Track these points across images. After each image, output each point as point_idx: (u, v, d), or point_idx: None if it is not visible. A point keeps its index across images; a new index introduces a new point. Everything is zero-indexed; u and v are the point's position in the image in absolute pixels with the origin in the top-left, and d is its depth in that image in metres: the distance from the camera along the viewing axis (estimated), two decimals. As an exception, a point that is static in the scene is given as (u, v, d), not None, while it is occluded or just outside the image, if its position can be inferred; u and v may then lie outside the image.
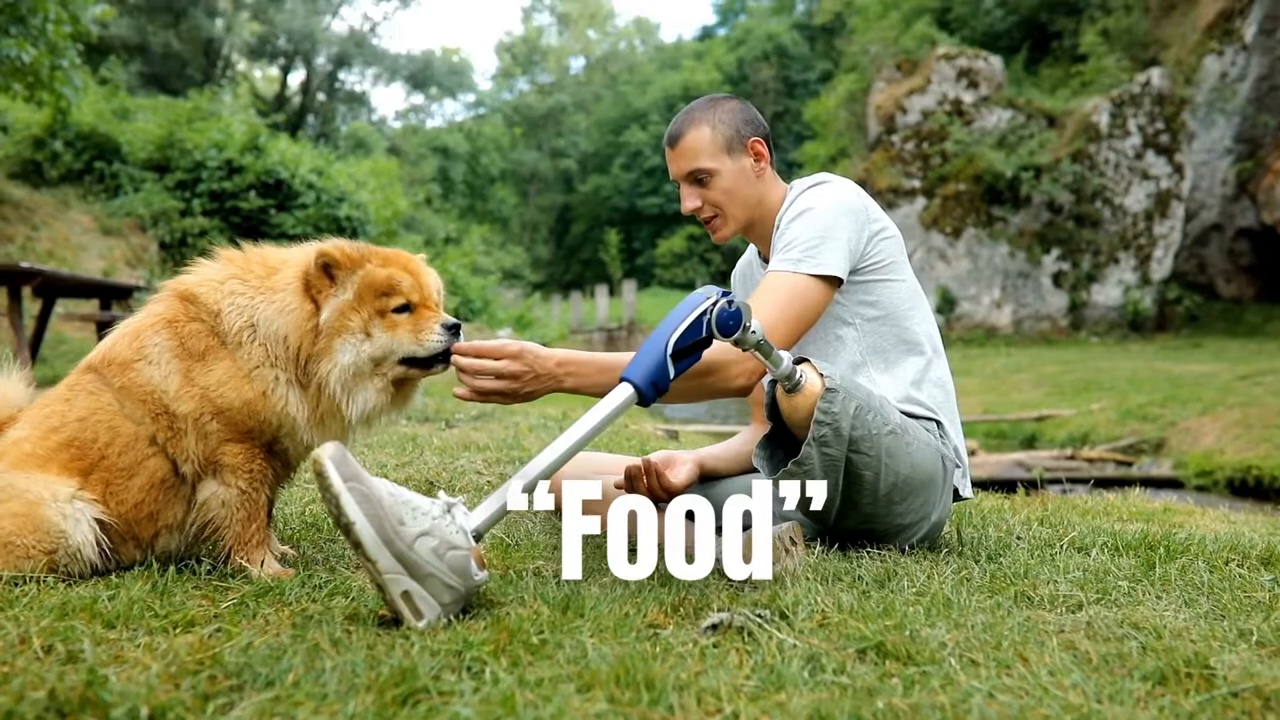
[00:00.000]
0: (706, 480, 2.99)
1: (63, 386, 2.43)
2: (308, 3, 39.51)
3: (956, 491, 2.87)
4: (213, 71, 33.70)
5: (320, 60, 41.26)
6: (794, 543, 2.56)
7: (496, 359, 2.50)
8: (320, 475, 1.93)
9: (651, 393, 2.25)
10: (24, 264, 8.06)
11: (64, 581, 2.22)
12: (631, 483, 2.80)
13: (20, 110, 17.84)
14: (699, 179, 2.87)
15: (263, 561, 2.42)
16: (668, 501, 2.80)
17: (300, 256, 2.43)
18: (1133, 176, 23.86)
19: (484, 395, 2.52)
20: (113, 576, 2.28)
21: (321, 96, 42.58)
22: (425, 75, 45.40)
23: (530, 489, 2.17)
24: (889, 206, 24.88)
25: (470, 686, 1.61)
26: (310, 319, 2.36)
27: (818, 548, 2.66)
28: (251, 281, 2.41)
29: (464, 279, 21.85)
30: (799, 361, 2.52)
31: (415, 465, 4.05)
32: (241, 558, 2.40)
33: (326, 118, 41.66)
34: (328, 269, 2.37)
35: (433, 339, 2.41)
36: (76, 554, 2.24)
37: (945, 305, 23.91)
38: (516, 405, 5.76)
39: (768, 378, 2.56)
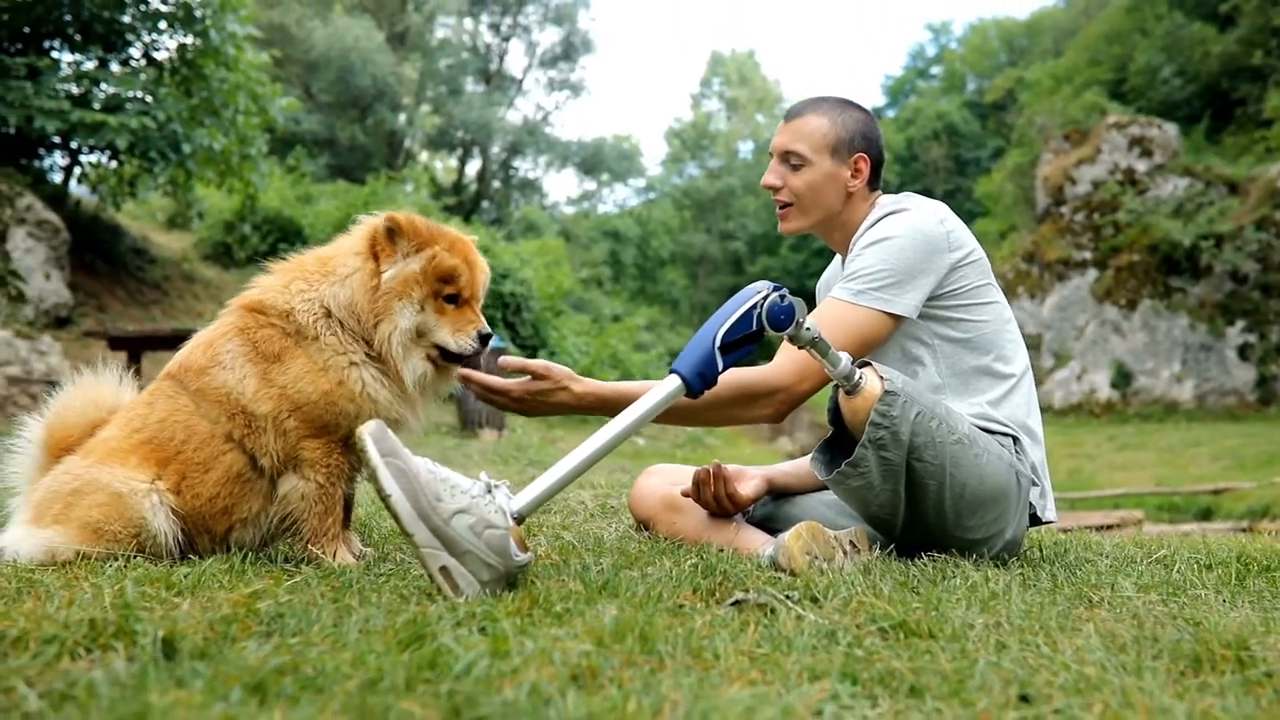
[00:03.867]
0: (778, 497, 2.97)
1: (146, 392, 2.64)
2: (484, 95, 41.25)
3: (1037, 516, 2.77)
4: (395, 162, 35.36)
5: (495, 149, 42.86)
6: (855, 547, 2.53)
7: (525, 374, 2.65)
8: (362, 451, 2.03)
9: (698, 384, 2.28)
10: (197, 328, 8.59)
11: (149, 560, 2.39)
12: (699, 489, 2.81)
13: (214, 198, 19.20)
14: (792, 162, 2.86)
15: (336, 552, 2.53)
16: (733, 513, 2.82)
17: (365, 222, 2.61)
18: (1325, 244, 22.57)
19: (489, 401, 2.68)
20: (194, 559, 2.43)
21: (497, 184, 44.16)
22: (596, 161, 46.55)
23: (574, 476, 2.22)
24: (1059, 279, 24.12)
25: (478, 639, 1.67)
26: (373, 277, 2.52)
27: (876, 549, 2.61)
28: (313, 278, 2.59)
29: (625, 353, 22.17)
30: (863, 365, 2.51)
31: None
32: (317, 548, 2.52)
33: (501, 203, 43.13)
34: (392, 234, 2.53)
35: (466, 342, 2.57)
36: (156, 537, 2.42)
37: (1120, 379, 22.91)
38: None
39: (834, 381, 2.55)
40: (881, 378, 2.45)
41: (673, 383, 2.28)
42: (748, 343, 2.33)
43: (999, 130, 44.78)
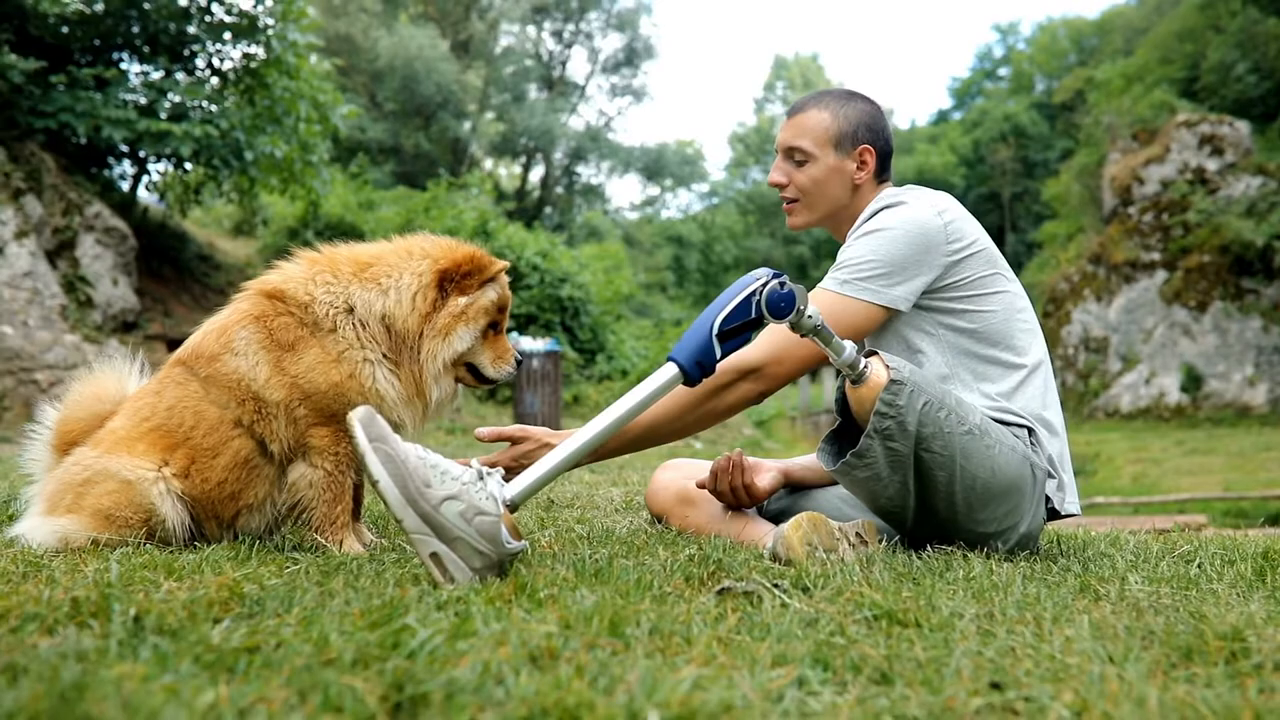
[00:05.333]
0: (794, 490, 2.94)
1: (154, 380, 2.67)
2: (547, 102, 41.47)
3: (1056, 510, 2.71)
4: (459, 169, 35.66)
5: (558, 155, 43.06)
6: (861, 539, 2.49)
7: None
8: (351, 437, 2.04)
9: (696, 372, 2.26)
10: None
11: (159, 546, 2.42)
12: (716, 478, 2.79)
13: (279, 205, 19.52)
14: (796, 158, 2.85)
15: (342, 542, 2.55)
16: (749, 505, 2.79)
17: (427, 251, 2.64)
18: (1405, 244, 21.85)
19: None
20: (200, 545, 2.46)
21: (560, 190, 44.37)
22: (659, 167, 46.57)
23: (570, 463, 2.22)
24: (1126, 281, 23.65)
25: (446, 620, 1.66)
26: (433, 303, 2.58)
27: (884, 542, 2.57)
28: (343, 276, 2.61)
29: (684, 358, 22.12)
30: (870, 355, 2.47)
31: (555, 490, 4.12)
32: (324, 537, 2.54)
33: (563, 209, 43.33)
34: (470, 274, 2.61)
35: (505, 370, 2.70)
36: (165, 522, 2.46)
37: (1190, 383, 22.36)
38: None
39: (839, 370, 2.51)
40: (888, 367, 2.41)
41: (670, 370, 2.26)
42: (746, 330, 2.30)
43: (1068, 131, 44.03)
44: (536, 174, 44.23)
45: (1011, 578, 2.18)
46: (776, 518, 2.87)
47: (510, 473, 2.64)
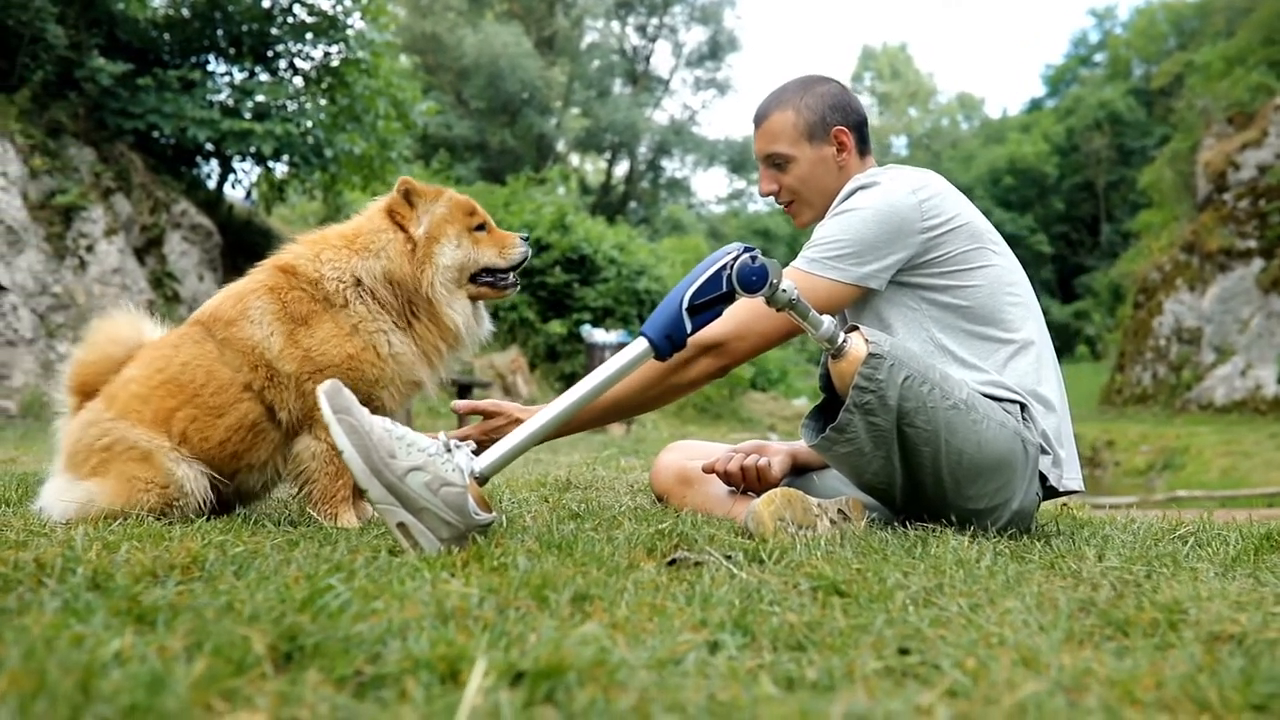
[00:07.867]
0: (801, 472, 2.93)
1: (173, 334, 2.75)
2: (631, 96, 41.61)
3: (1054, 489, 2.66)
4: (543, 164, 35.94)
5: (643, 149, 43.19)
6: (845, 516, 2.49)
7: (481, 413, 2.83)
8: (318, 408, 2.09)
9: (666, 346, 2.27)
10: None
11: (159, 519, 2.49)
12: (728, 478, 2.81)
13: (362, 202, 19.85)
14: (777, 163, 2.87)
15: (338, 516, 2.61)
16: (759, 489, 2.81)
17: (375, 203, 2.86)
18: None
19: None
20: (205, 521, 2.54)
21: (645, 184, 44.48)
22: (744, 159, 46.42)
23: (539, 438, 2.25)
24: (1220, 270, 22.91)
25: (373, 583, 1.69)
26: (406, 242, 2.74)
27: (866, 519, 2.55)
28: (341, 250, 2.74)
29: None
30: (851, 329, 2.47)
31: (577, 473, 4.15)
32: (320, 511, 2.61)
33: (648, 203, 43.42)
34: (409, 196, 2.77)
35: (516, 253, 2.82)
36: (182, 487, 2.54)
37: (1289, 375, 21.63)
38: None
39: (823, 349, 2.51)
40: (868, 340, 2.40)
41: (640, 345, 2.28)
42: (718, 304, 2.31)
43: (1166, 118, 42.82)
44: (621, 168, 44.40)
45: (982, 553, 2.16)
46: (775, 497, 2.87)
47: (481, 446, 2.69)
